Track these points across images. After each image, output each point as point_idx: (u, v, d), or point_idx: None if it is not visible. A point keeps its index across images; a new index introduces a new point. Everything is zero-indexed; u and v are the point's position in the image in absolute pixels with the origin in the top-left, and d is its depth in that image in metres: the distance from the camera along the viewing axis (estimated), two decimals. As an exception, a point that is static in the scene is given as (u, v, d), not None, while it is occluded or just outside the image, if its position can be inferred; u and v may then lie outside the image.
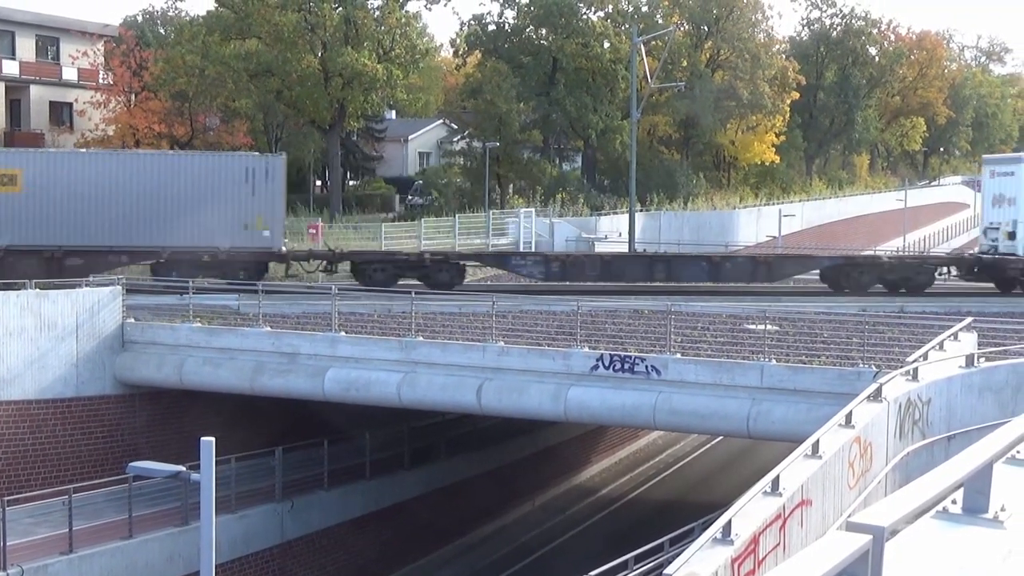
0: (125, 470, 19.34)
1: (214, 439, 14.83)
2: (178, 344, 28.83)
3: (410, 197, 73.20)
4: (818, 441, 14.01)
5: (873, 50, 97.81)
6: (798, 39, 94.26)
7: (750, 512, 11.80)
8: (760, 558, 11.63)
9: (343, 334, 27.71)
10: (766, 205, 73.99)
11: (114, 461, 27.22)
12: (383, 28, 58.68)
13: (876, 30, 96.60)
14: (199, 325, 29.23)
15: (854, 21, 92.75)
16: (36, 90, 66.25)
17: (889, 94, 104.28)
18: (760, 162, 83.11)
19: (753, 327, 28.78)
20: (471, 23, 70.23)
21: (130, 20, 75.79)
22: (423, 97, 78.20)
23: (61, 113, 67.50)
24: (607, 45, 68.77)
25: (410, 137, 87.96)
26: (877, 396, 16.51)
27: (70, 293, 28.62)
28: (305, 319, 30.52)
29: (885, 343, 25.84)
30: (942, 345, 21.32)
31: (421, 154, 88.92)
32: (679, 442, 46.14)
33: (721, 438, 43.71)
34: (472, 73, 70.26)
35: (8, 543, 22.10)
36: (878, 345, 25.34)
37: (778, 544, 12.20)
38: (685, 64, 71.53)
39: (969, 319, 24.45)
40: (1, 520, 22.01)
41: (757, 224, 69.73)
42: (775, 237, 64.75)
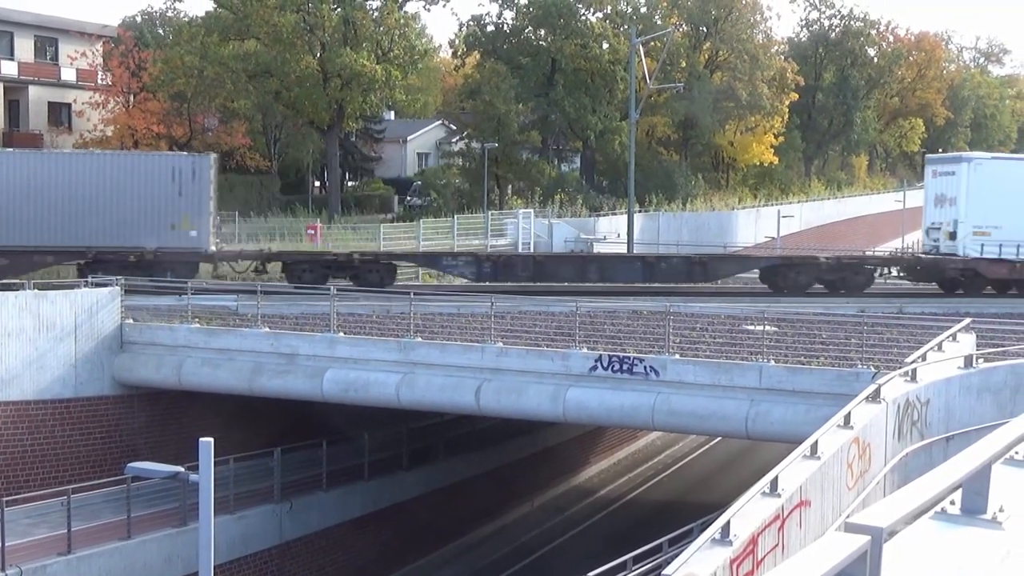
0: (124, 471, 19.35)
1: (213, 440, 14.82)
2: (177, 345, 28.83)
3: (409, 198, 73.16)
4: (817, 442, 14.01)
5: (872, 51, 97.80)
6: (797, 40, 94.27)
7: (749, 513, 11.80)
8: (759, 559, 11.63)
9: (342, 335, 27.71)
10: (765, 206, 74.03)
11: (113, 462, 27.21)
12: (382, 29, 58.69)
13: (875, 31, 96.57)
14: (198, 326, 29.23)
15: (853, 22, 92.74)
16: (35, 91, 66.24)
17: (888, 95, 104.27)
18: (759, 163, 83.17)
19: (752, 328, 28.78)
20: (470, 24, 70.25)
21: (129, 21, 75.68)
22: (422, 98, 78.12)
23: (60, 114, 67.48)
24: (606, 46, 68.80)
25: (409, 138, 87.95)
26: (876, 397, 16.51)
27: (69, 294, 28.61)
28: (304, 320, 30.53)
29: (884, 344, 25.83)
30: (941, 346, 21.33)
31: (420, 155, 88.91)
32: (678, 443, 46.14)
33: (720, 439, 43.73)
34: (471, 74, 70.25)
35: (7, 544, 22.08)
36: (877, 346, 25.35)
37: (777, 545, 12.20)
38: (684, 65, 71.56)
39: (967, 320, 24.45)
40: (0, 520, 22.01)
41: (756, 225, 69.79)
42: (773, 238, 64.77)
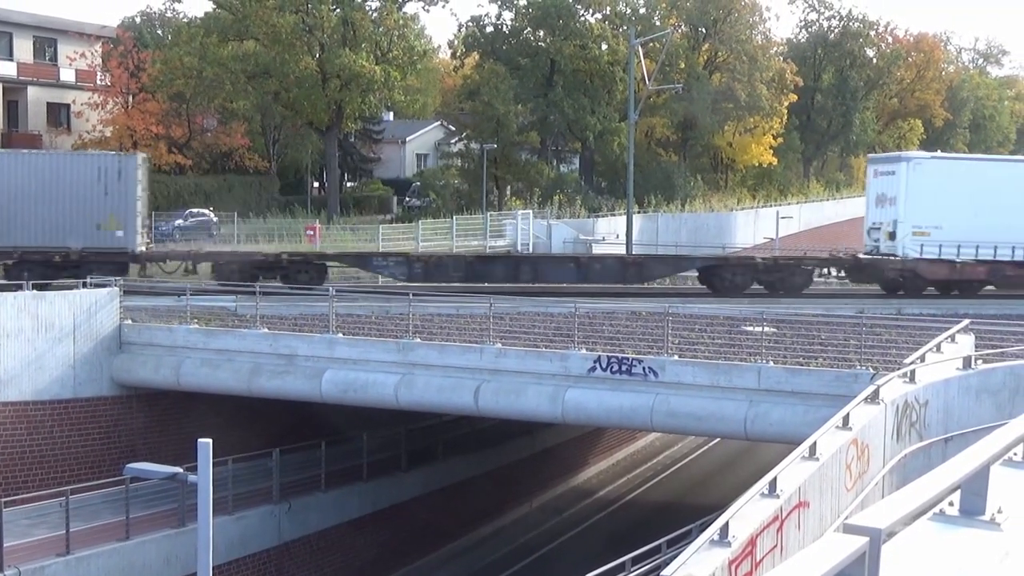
0: (122, 471, 19.36)
1: (211, 440, 14.81)
2: (175, 345, 28.81)
3: (408, 199, 73.15)
4: (815, 443, 14.01)
5: (871, 52, 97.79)
6: (796, 41, 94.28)
7: (747, 514, 11.79)
8: (757, 560, 11.63)
9: (340, 336, 27.70)
10: (763, 207, 74.02)
11: (111, 462, 27.19)
12: (381, 30, 58.75)
13: (874, 32, 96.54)
14: (197, 327, 29.21)
15: (851, 23, 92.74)
16: (33, 91, 66.21)
17: (887, 96, 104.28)
18: (758, 164, 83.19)
19: (750, 329, 28.77)
20: (469, 24, 70.30)
21: (128, 21, 75.74)
22: (421, 99, 78.18)
23: (59, 114, 67.46)
24: (605, 47, 68.83)
25: (408, 139, 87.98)
26: (874, 398, 16.51)
27: (68, 294, 28.60)
28: (303, 320, 30.51)
29: (882, 345, 25.83)
30: (939, 347, 21.33)
31: (419, 156, 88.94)
32: (677, 444, 46.15)
33: (719, 440, 43.73)
34: (470, 75, 70.28)
35: (5, 544, 22.06)
36: (875, 347, 25.34)
37: (775, 546, 12.20)
38: (683, 66, 71.57)
39: (966, 321, 24.43)
40: (-2, 521, 22.00)
41: (755, 226, 69.78)
42: (772, 239, 64.72)
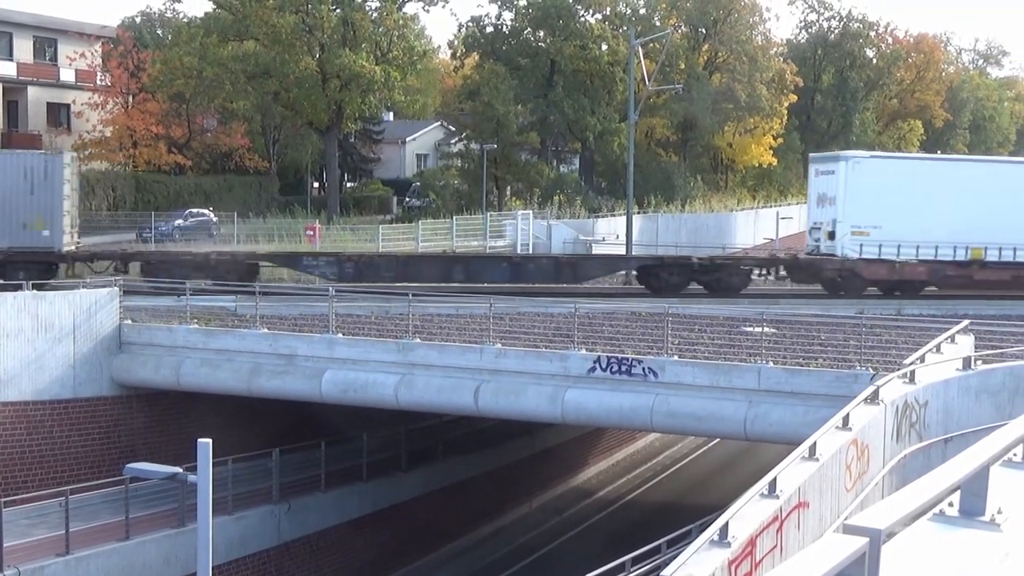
0: (122, 471, 19.35)
1: (211, 440, 14.81)
2: (175, 345, 28.81)
3: (408, 199, 73.14)
4: (815, 443, 14.01)
5: (870, 52, 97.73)
6: (796, 41, 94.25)
7: (747, 514, 11.79)
8: (757, 560, 11.62)
9: (340, 336, 27.69)
10: (763, 207, 74.01)
11: (111, 462, 27.19)
12: (381, 30, 58.76)
13: (873, 32, 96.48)
14: (196, 327, 29.21)
15: (851, 23, 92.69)
16: (33, 91, 66.20)
17: (887, 97, 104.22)
18: (758, 164, 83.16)
19: (750, 329, 28.79)
20: (469, 25, 70.31)
21: (128, 21, 75.81)
22: (421, 99, 78.22)
23: (59, 114, 67.45)
24: (605, 47, 68.84)
25: (408, 139, 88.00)
26: (874, 399, 16.51)
27: (67, 294, 28.60)
28: (302, 321, 30.52)
29: (882, 346, 25.84)
30: (939, 348, 21.32)
31: (419, 156, 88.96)
32: (676, 444, 46.14)
33: (718, 440, 43.72)
34: (470, 75, 70.27)
35: (5, 544, 22.06)
36: (875, 348, 25.35)
37: (775, 546, 12.20)
38: (683, 66, 71.59)
39: (966, 322, 24.42)
40: (-2, 521, 22.00)
41: (754, 226, 69.79)
42: (772, 239, 64.73)
